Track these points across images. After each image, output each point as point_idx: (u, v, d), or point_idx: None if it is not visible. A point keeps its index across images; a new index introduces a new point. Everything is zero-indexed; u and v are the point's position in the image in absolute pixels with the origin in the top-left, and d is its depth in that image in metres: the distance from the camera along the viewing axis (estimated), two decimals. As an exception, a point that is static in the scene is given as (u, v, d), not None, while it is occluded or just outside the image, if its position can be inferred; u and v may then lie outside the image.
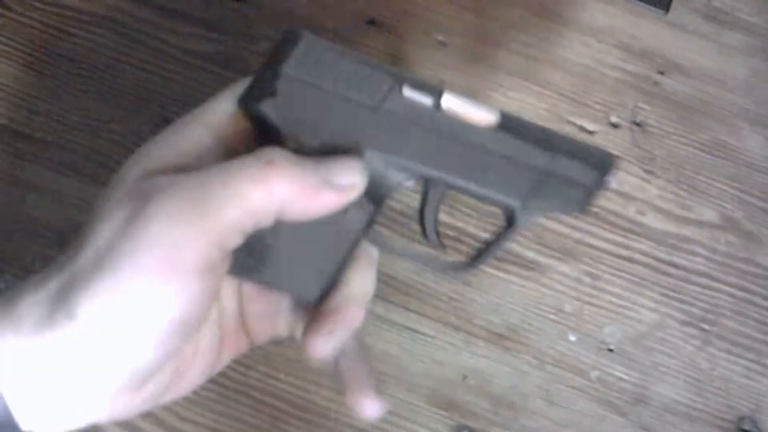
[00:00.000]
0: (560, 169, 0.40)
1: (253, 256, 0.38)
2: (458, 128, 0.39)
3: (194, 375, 0.39)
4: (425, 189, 0.42)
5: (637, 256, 0.62)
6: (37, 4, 0.63)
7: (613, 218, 0.63)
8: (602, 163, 0.41)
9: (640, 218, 0.63)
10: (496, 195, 0.40)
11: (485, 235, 0.61)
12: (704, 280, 0.62)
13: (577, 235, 0.62)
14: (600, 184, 0.41)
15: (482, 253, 0.43)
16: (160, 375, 0.36)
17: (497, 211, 0.61)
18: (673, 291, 0.61)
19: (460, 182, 0.40)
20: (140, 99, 0.61)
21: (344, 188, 0.37)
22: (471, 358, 0.58)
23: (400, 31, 0.66)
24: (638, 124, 0.65)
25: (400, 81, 0.39)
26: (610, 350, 0.59)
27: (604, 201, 0.63)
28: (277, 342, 0.43)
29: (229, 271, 0.38)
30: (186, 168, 0.36)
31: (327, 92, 0.39)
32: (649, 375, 0.59)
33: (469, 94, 0.40)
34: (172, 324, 0.34)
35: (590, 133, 0.64)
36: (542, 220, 0.62)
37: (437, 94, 0.39)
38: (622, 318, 0.60)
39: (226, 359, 0.41)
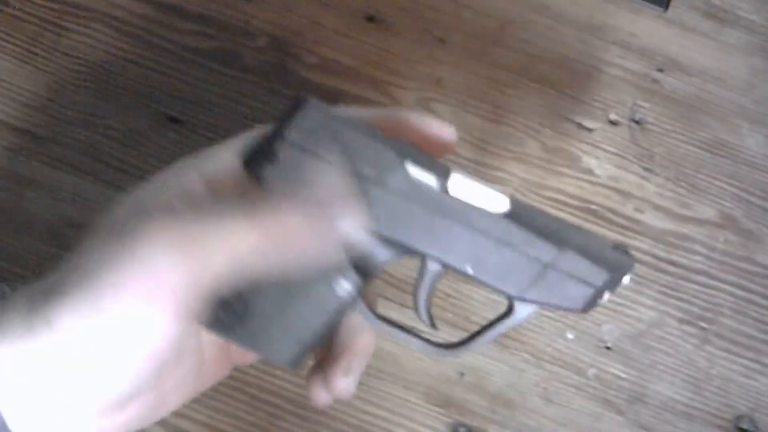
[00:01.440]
0: (567, 265, 0.38)
1: (233, 315, 0.38)
2: (462, 211, 0.38)
3: (172, 400, 0.39)
4: (422, 266, 0.40)
5: (635, 253, 0.62)
6: (35, 0, 0.63)
7: (611, 216, 0.63)
8: (616, 265, 0.39)
9: (638, 216, 0.63)
10: (495, 283, 0.39)
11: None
12: (703, 279, 0.62)
13: (575, 232, 0.62)
14: (610, 286, 0.39)
15: (476, 335, 0.41)
16: (143, 397, 0.36)
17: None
18: (672, 289, 0.61)
19: (458, 266, 0.39)
20: (138, 95, 0.61)
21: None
22: (468, 355, 0.58)
23: (398, 28, 0.66)
24: (637, 122, 0.65)
25: (405, 156, 0.38)
26: (608, 348, 0.59)
27: (603, 198, 0.63)
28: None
29: (205, 326, 0.38)
30: (174, 212, 0.36)
31: (328, 162, 0.38)
32: (647, 373, 0.59)
33: (477, 174, 0.39)
34: (149, 348, 0.34)
35: (589, 130, 0.64)
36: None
37: (444, 174, 0.38)
38: (621, 316, 0.60)
39: (208, 383, 0.41)
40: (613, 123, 0.65)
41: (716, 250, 0.63)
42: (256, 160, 0.38)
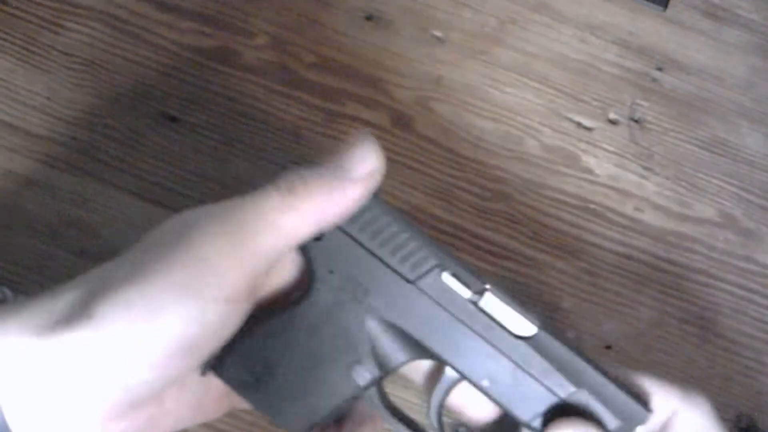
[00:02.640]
0: (582, 405, 0.39)
1: (255, 378, 0.40)
2: (488, 328, 0.40)
3: (166, 425, 0.40)
4: (441, 372, 0.42)
5: (635, 253, 0.62)
6: (33, -1, 0.63)
7: (611, 215, 0.62)
8: (630, 414, 0.40)
9: (638, 215, 0.63)
10: (507, 405, 0.40)
11: (482, 232, 0.60)
12: (703, 278, 0.62)
13: (575, 232, 0.61)
14: None
15: None
16: (137, 415, 0.36)
17: (497, 208, 0.61)
18: (672, 288, 0.61)
19: (475, 380, 0.40)
20: (136, 94, 0.61)
21: (365, 177, 0.38)
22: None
23: (397, 27, 0.66)
24: (636, 121, 0.65)
25: (444, 265, 0.40)
26: (608, 347, 0.59)
27: (602, 198, 0.63)
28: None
29: (226, 381, 0.40)
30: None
31: (369, 252, 0.40)
32: (648, 373, 0.59)
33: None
34: (178, 344, 0.34)
35: (588, 129, 0.64)
36: (539, 215, 0.61)
37: (478, 289, 0.40)
38: (621, 315, 0.60)
39: (203, 417, 0.42)
40: (613, 122, 0.65)
41: (716, 249, 0.63)
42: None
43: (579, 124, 0.65)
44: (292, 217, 0.36)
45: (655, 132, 0.65)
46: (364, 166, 0.38)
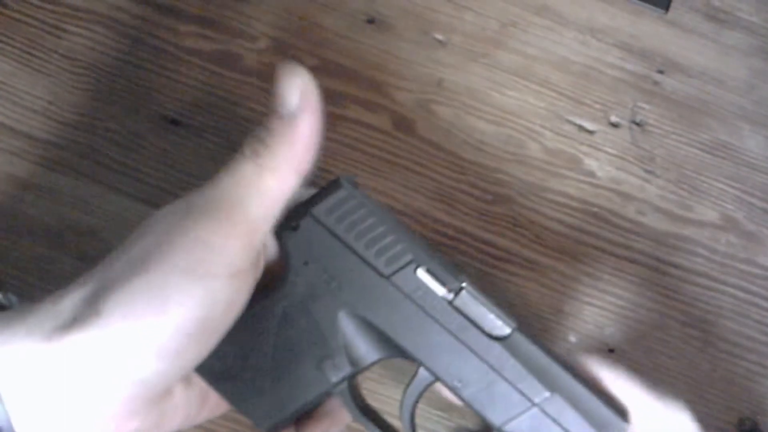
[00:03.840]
0: (554, 410, 0.39)
1: (227, 370, 0.40)
2: (461, 328, 0.39)
3: (174, 422, 0.40)
4: (415, 370, 0.41)
5: (637, 256, 0.62)
6: (35, 1, 0.63)
7: (612, 218, 0.62)
8: (605, 423, 0.39)
9: (640, 218, 0.63)
10: (480, 408, 0.39)
11: (484, 235, 0.60)
12: (705, 281, 0.62)
13: (576, 234, 0.61)
14: None
15: None
16: (149, 411, 0.37)
17: (498, 211, 0.61)
18: (674, 291, 0.61)
19: (448, 380, 0.39)
20: (138, 97, 0.61)
21: (304, 103, 0.37)
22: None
23: (399, 30, 0.66)
24: (638, 124, 0.65)
25: (420, 261, 0.39)
26: (611, 351, 0.59)
27: (604, 201, 0.63)
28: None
29: (198, 371, 0.39)
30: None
31: (345, 245, 0.39)
32: (650, 376, 0.59)
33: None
34: (192, 327, 0.34)
35: (590, 132, 0.64)
36: (541, 219, 0.61)
37: (454, 288, 0.39)
38: (623, 319, 0.60)
39: (203, 417, 0.42)
40: (614, 125, 0.65)
41: (718, 252, 0.62)
42: (282, 226, 0.40)
43: (580, 127, 0.64)
44: (270, 178, 0.37)
45: (657, 135, 0.65)
46: (297, 94, 0.37)
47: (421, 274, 0.39)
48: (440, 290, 0.39)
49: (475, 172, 0.62)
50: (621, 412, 0.39)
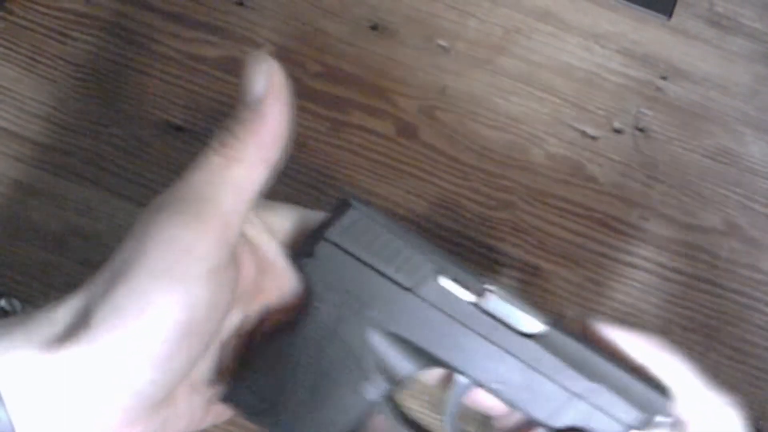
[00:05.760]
0: (597, 399, 0.38)
1: (264, 401, 0.40)
2: (493, 329, 0.39)
3: (177, 429, 0.39)
4: (452, 379, 0.41)
5: (640, 261, 0.62)
6: (39, 8, 0.63)
7: (616, 224, 0.62)
8: (649, 404, 0.39)
9: (643, 224, 0.63)
10: (522, 405, 0.39)
11: (487, 240, 0.60)
12: (707, 286, 0.62)
13: (579, 240, 0.62)
14: (640, 425, 0.38)
15: None
16: (151, 419, 0.36)
17: (502, 217, 0.61)
18: (676, 297, 0.61)
19: (486, 383, 0.39)
20: (142, 103, 0.61)
21: (271, 91, 0.37)
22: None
23: (402, 36, 0.66)
24: (641, 130, 0.65)
25: (441, 269, 0.39)
26: (613, 356, 0.59)
27: (607, 206, 0.63)
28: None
29: (238, 409, 0.40)
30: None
31: (364, 264, 0.39)
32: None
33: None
34: (178, 331, 0.34)
35: (593, 138, 0.64)
36: (544, 224, 0.61)
37: (479, 291, 0.39)
38: (625, 324, 0.60)
39: (208, 422, 0.42)
40: (617, 131, 0.65)
41: (720, 258, 0.63)
42: (299, 254, 0.40)
43: (584, 133, 0.65)
44: (239, 168, 0.36)
45: (660, 141, 0.65)
46: (262, 82, 0.37)
47: (444, 281, 0.39)
48: (465, 295, 0.39)
49: (478, 178, 0.62)
50: (663, 391, 0.39)
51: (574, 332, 0.40)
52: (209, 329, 0.36)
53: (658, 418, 0.39)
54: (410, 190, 0.61)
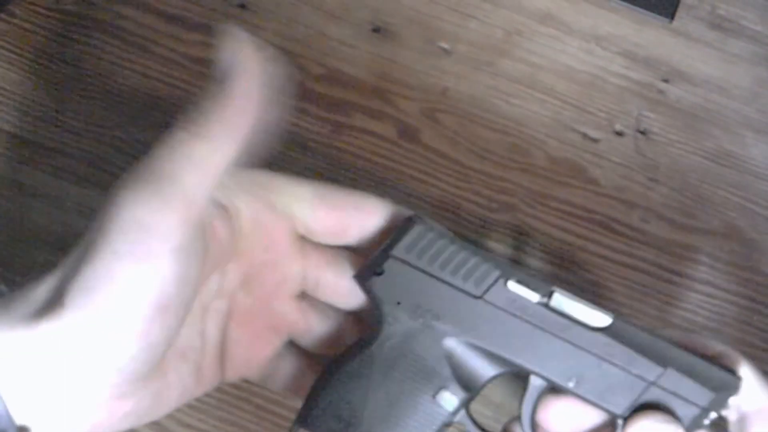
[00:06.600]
0: (672, 384, 0.39)
1: (341, 422, 0.40)
2: (563, 327, 0.39)
3: (171, 399, 0.40)
4: (525, 381, 0.41)
5: (640, 263, 0.62)
6: (41, 10, 0.63)
7: (616, 226, 0.63)
8: (721, 384, 0.39)
9: (644, 226, 0.63)
10: (598, 401, 0.39)
11: (489, 243, 0.60)
12: (707, 289, 0.62)
13: (580, 242, 0.62)
14: (716, 406, 0.39)
15: None
16: (142, 392, 0.36)
17: (503, 219, 0.61)
18: (677, 299, 0.61)
19: (560, 382, 0.40)
20: (143, 105, 0.61)
21: (244, 67, 0.36)
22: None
23: (404, 39, 0.66)
24: (642, 132, 0.65)
25: (507, 274, 0.40)
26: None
27: (608, 209, 0.63)
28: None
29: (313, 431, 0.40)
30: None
31: (432, 277, 0.40)
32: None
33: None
34: (149, 308, 0.34)
35: (594, 141, 0.64)
36: (545, 227, 0.62)
37: (545, 292, 0.40)
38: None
39: (200, 390, 0.42)
40: (619, 133, 0.65)
41: (720, 260, 0.63)
42: (366, 274, 0.41)
43: (585, 136, 0.65)
44: (204, 146, 0.35)
45: (661, 143, 0.65)
46: (230, 55, 0.36)
47: (512, 285, 0.40)
48: (534, 297, 0.40)
49: (479, 181, 0.62)
50: (731, 371, 0.39)
51: (634, 323, 0.40)
52: (183, 302, 0.36)
53: (729, 400, 0.39)
54: (411, 193, 0.61)
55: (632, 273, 0.61)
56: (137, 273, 0.34)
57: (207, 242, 0.37)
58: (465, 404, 0.41)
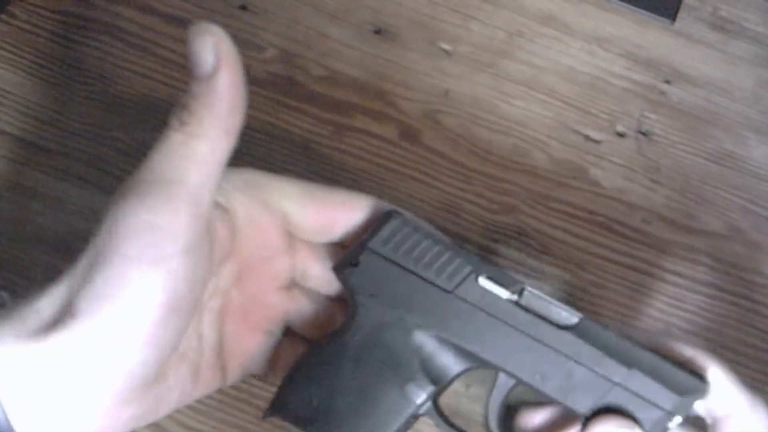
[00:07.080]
0: (636, 385, 0.39)
1: (311, 409, 0.41)
2: (532, 324, 0.40)
3: (171, 401, 0.40)
4: (494, 377, 0.42)
5: (642, 265, 0.62)
6: (42, 12, 0.63)
7: (618, 227, 0.62)
8: (687, 388, 0.39)
9: (645, 227, 0.63)
10: (563, 399, 0.40)
11: (490, 245, 0.60)
12: (709, 290, 0.62)
13: (581, 243, 0.62)
14: (680, 410, 0.39)
15: None
16: (143, 396, 0.37)
17: (505, 221, 0.61)
18: (678, 300, 0.61)
19: (527, 379, 0.40)
20: (145, 107, 0.61)
21: (220, 61, 0.37)
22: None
23: (405, 40, 0.66)
24: (644, 134, 0.65)
25: (479, 270, 0.41)
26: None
27: (609, 210, 0.63)
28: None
29: (286, 419, 0.41)
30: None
31: (405, 270, 0.41)
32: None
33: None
34: (161, 311, 0.34)
35: (596, 142, 0.64)
36: (547, 228, 0.61)
37: (516, 289, 0.40)
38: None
39: (198, 391, 0.42)
40: (620, 135, 0.65)
41: (722, 262, 0.63)
42: (343, 266, 0.42)
43: (587, 137, 0.65)
44: (200, 143, 0.36)
45: (663, 144, 0.65)
46: (211, 53, 0.37)
47: (483, 281, 0.41)
48: (504, 293, 0.40)
49: (481, 182, 0.62)
50: (699, 376, 0.40)
51: (603, 324, 0.41)
52: (192, 303, 0.37)
53: (697, 403, 0.39)
54: (412, 194, 0.61)
55: (633, 274, 0.61)
56: (150, 276, 0.34)
57: (212, 241, 0.38)
58: (432, 397, 0.41)
